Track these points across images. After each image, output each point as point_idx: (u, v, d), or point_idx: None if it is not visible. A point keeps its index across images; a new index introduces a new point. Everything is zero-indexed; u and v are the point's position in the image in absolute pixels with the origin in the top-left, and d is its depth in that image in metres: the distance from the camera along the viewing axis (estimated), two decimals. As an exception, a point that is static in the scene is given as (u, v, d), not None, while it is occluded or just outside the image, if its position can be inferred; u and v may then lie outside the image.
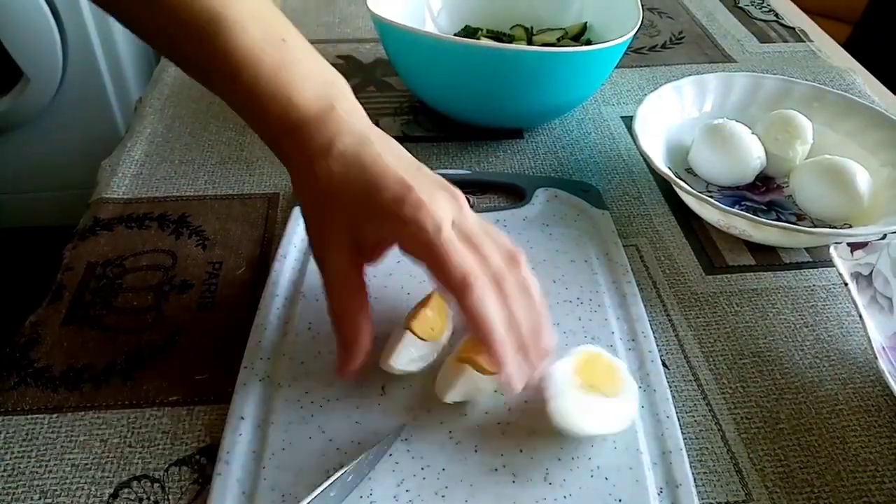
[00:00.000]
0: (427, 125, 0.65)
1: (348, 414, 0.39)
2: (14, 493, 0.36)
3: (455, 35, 0.68)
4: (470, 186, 0.57)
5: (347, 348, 0.38)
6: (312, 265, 0.47)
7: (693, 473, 0.37)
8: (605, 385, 0.38)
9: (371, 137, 0.38)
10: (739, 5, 0.88)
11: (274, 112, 0.38)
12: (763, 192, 0.57)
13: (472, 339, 0.39)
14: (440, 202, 0.37)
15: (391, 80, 0.71)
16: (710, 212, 0.51)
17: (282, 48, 0.38)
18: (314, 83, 0.39)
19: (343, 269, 0.38)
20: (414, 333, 0.39)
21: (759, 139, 0.56)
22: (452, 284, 0.35)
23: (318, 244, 0.39)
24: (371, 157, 0.37)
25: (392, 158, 0.38)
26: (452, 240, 0.36)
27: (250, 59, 0.37)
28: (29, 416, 0.40)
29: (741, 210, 0.49)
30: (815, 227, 0.53)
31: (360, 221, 0.37)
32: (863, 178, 0.52)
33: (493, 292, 0.36)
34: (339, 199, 0.37)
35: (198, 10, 0.37)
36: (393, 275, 0.47)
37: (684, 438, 0.38)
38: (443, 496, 0.35)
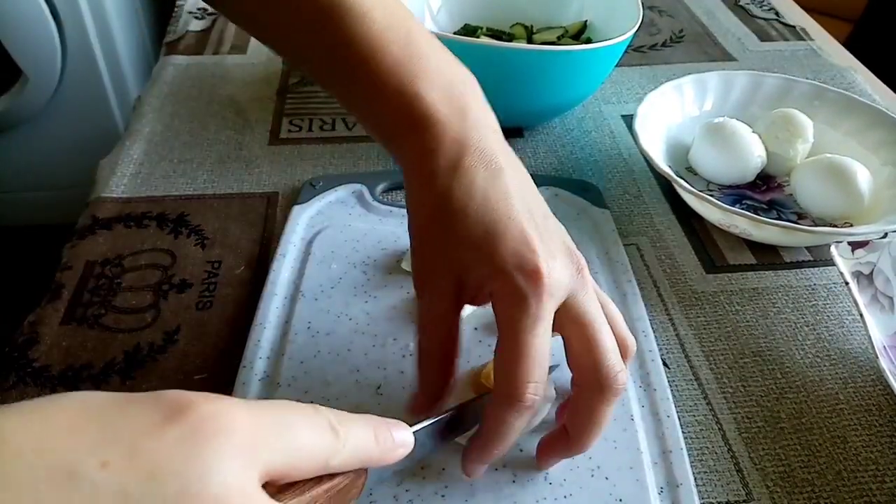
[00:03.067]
0: (427, 124, 0.65)
1: (348, 413, 0.39)
2: (12, 493, 0.36)
3: (455, 33, 0.68)
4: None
5: (426, 393, 0.34)
6: (312, 264, 0.47)
7: (694, 473, 0.37)
8: None
9: (504, 164, 0.34)
10: (740, 4, 0.88)
11: (397, 107, 0.34)
12: (764, 191, 0.57)
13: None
14: (557, 274, 0.32)
15: (391, 78, 0.71)
16: (711, 211, 0.50)
17: (408, 39, 0.35)
18: (444, 80, 0.35)
19: (441, 312, 0.34)
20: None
21: (760, 138, 0.56)
22: (506, 387, 0.31)
23: (420, 275, 0.34)
24: (500, 193, 0.33)
25: (520, 202, 0.33)
26: (540, 336, 0.31)
27: (374, 48, 0.34)
28: (27, 416, 0.40)
29: (742, 209, 0.49)
30: (816, 225, 0.53)
31: (466, 264, 0.33)
32: (863, 177, 0.52)
33: (531, 415, 0.32)
34: (453, 229, 0.33)
35: None
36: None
37: (685, 438, 0.38)
38: (443, 496, 0.35)
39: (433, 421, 0.32)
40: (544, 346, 0.31)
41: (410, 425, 0.30)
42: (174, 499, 0.20)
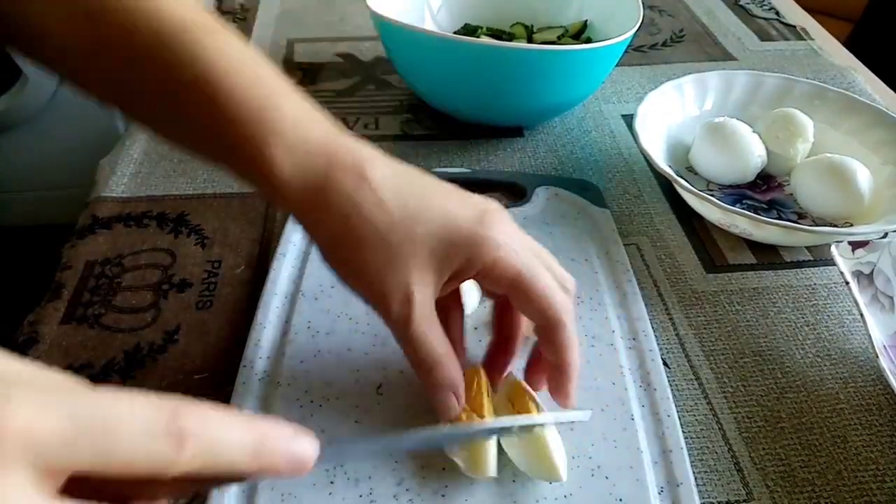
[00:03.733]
0: (427, 123, 0.65)
1: (348, 413, 0.39)
2: (12, 493, 0.36)
3: (455, 33, 0.68)
4: (470, 185, 0.57)
5: (453, 392, 0.35)
6: (312, 264, 0.47)
7: (694, 472, 0.37)
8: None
9: (383, 155, 0.36)
10: (740, 3, 0.88)
11: (271, 194, 0.34)
12: (764, 191, 0.57)
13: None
14: (507, 215, 0.35)
15: (391, 78, 0.71)
16: (711, 210, 0.50)
17: (261, 116, 0.34)
18: (301, 150, 0.34)
19: (431, 314, 0.34)
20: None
21: (760, 137, 0.56)
22: (547, 318, 0.34)
23: (395, 292, 0.33)
24: (415, 176, 0.35)
25: (425, 176, 0.36)
26: (538, 266, 0.35)
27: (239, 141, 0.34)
28: (27, 416, 0.40)
29: (742, 209, 0.49)
30: (816, 225, 0.53)
31: (437, 252, 0.34)
32: (864, 177, 0.52)
33: (575, 324, 0.35)
34: (409, 229, 0.33)
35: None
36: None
37: (685, 437, 0.38)
38: (443, 496, 0.35)
39: (370, 442, 0.32)
40: (542, 270, 0.35)
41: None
42: None
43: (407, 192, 0.34)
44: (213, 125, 0.34)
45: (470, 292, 0.43)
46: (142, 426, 0.20)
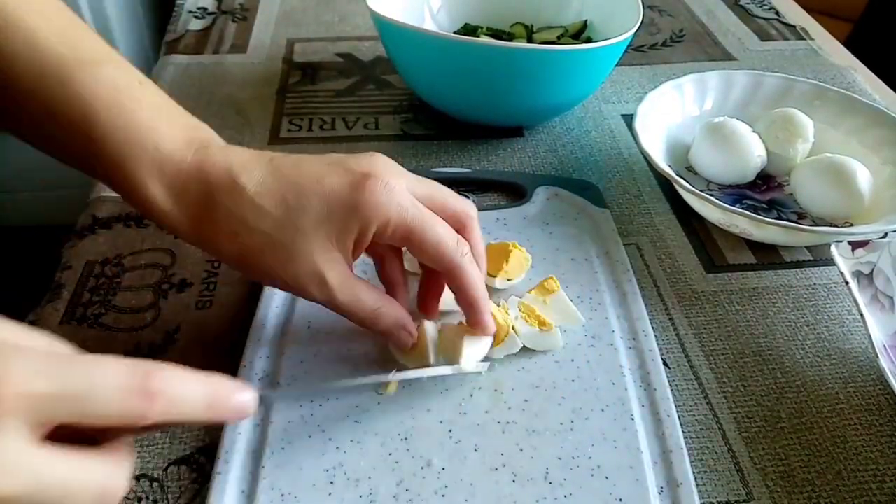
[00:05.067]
0: (427, 123, 0.65)
1: (347, 413, 0.39)
2: (12, 493, 0.36)
3: (455, 33, 0.68)
4: (470, 185, 0.57)
5: (402, 328, 0.39)
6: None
7: (694, 472, 0.37)
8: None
9: (258, 154, 0.37)
10: (740, 3, 0.88)
11: (147, 209, 0.36)
12: (764, 191, 0.57)
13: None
14: (388, 169, 0.36)
15: (391, 78, 0.71)
16: (711, 210, 0.50)
17: (127, 139, 0.36)
18: (170, 168, 0.36)
19: (351, 281, 0.37)
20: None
21: (760, 137, 0.56)
22: (443, 266, 0.37)
23: (309, 280, 0.36)
24: (286, 167, 0.36)
25: (300, 159, 0.37)
26: (427, 218, 0.36)
27: (119, 161, 0.35)
28: (27, 416, 0.40)
29: (742, 208, 0.49)
30: (816, 225, 0.53)
31: (331, 231, 0.35)
32: (864, 177, 0.52)
33: (473, 264, 0.38)
34: (295, 223, 0.35)
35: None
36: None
37: (685, 437, 0.38)
38: (443, 496, 0.35)
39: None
40: (431, 216, 0.37)
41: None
42: None
43: (283, 187, 0.36)
44: (97, 164, 0.36)
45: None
46: (118, 387, 0.24)
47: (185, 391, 0.26)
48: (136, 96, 0.37)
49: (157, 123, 0.36)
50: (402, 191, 0.36)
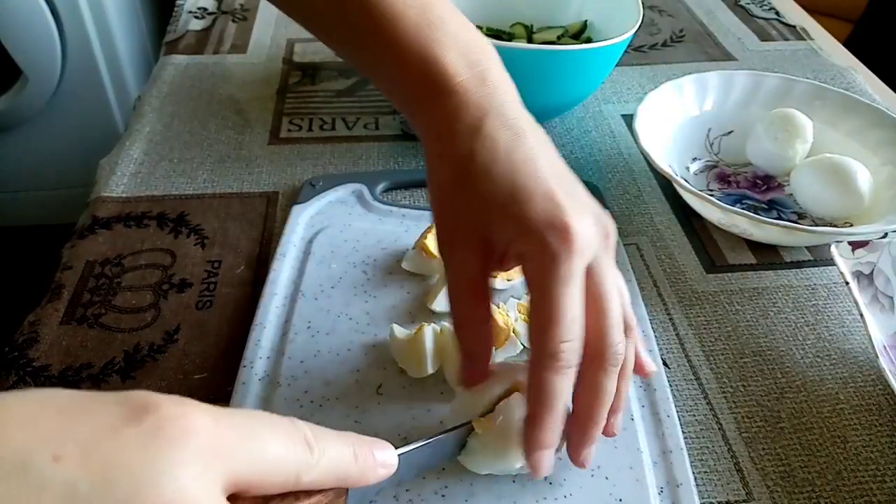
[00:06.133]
0: (427, 123, 0.65)
1: (348, 413, 0.39)
2: (12, 493, 0.36)
3: (455, 33, 0.68)
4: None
5: (469, 359, 0.35)
6: (312, 264, 0.47)
7: (694, 473, 0.37)
8: None
9: (526, 128, 0.34)
10: (740, 3, 0.88)
11: (417, 72, 0.34)
12: (764, 191, 0.57)
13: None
14: (587, 232, 0.32)
15: (391, 78, 0.71)
16: (711, 210, 0.50)
17: (425, 4, 0.35)
18: (463, 45, 0.34)
19: (469, 273, 0.33)
20: None
21: (763, 138, 0.56)
22: (543, 348, 0.31)
23: (444, 237, 0.34)
24: (524, 155, 0.33)
25: (546, 163, 0.33)
26: (573, 294, 0.31)
27: (391, 13, 0.34)
28: (27, 416, 0.40)
29: (742, 208, 0.49)
30: (816, 225, 0.53)
31: (492, 225, 0.32)
32: (863, 177, 0.52)
33: (573, 375, 0.32)
34: (476, 190, 0.32)
35: None
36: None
37: (685, 437, 0.38)
38: (443, 496, 0.35)
39: (422, 444, 0.32)
40: (577, 304, 0.31)
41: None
42: (124, 501, 0.19)
43: (502, 186, 0.33)
44: (363, 18, 0.35)
45: None
46: (282, 433, 0.24)
47: (331, 442, 0.25)
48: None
49: (450, 20, 0.35)
50: (613, 250, 0.34)
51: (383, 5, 0.34)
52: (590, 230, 0.32)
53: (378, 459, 0.27)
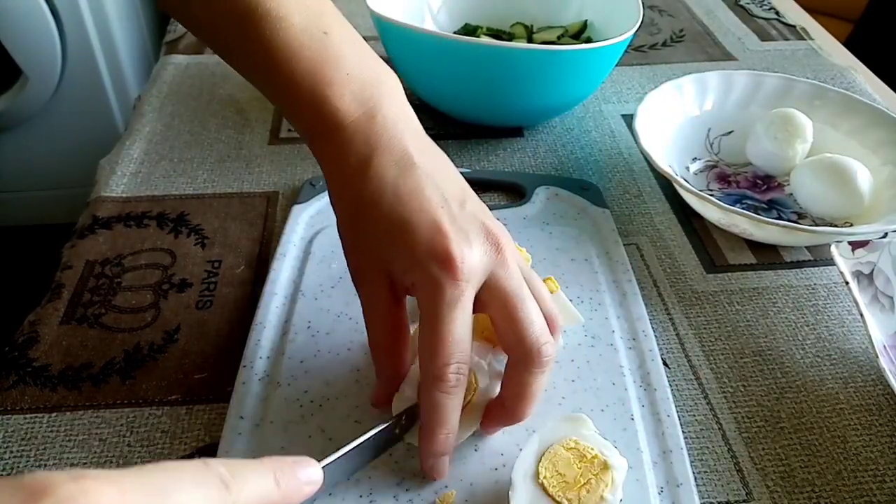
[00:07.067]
0: (427, 123, 0.64)
1: (348, 413, 0.39)
2: (12, 493, 0.36)
3: (455, 33, 0.68)
4: (470, 185, 0.57)
5: (381, 380, 0.37)
6: (312, 264, 0.47)
7: (694, 472, 0.37)
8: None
9: (415, 159, 0.35)
10: (740, 3, 0.88)
11: (310, 112, 0.36)
12: (764, 191, 0.57)
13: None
14: (471, 257, 0.33)
15: (391, 78, 0.71)
16: (711, 210, 0.50)
17: (324, 43, 0.36)
18: (357, 84, 0.36)
19: (380, 302, 0.35)
20: None
21: (763, 138, 0.56)
22: (430, 371, 0.33)
23: (353, 269, 0.36)
24: (410, 188, 0.34)
25: (433, 191, 0.34)
26: (458, 319, 0.33)
27: (289, 54, 0.35)
28: (28, 416, 0.40)
29: (742, 208, 0.49)
30: (816, 225, 0.53)
31: (390, 258, 0.34)
32: (864, 177, 0.52)
33: (460, 393, 0.33)
34: (370, 228, 0.34)
35: (238, 1, 0.35)
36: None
37: (685, 437, 0.38)
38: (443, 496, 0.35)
39: (348, 450, 0.32)
40: (462, 329, 0.33)
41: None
42: None
43: (393, 210, 0.34)
44: (263, 53, 0.36)
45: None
46: (194, 480, 0.23)
47: (249, 472, 0.25)
48: (335, 39, 0.37)
49: (345, 51, 0.37)
50: (517, 261, 0.35)
51: (282, 43, 0.35)
52: (474, 254, 0.33)
53: (302, 479, 0.27)
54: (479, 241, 0.34)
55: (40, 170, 1.49)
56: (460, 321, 0.33)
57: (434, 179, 0.35)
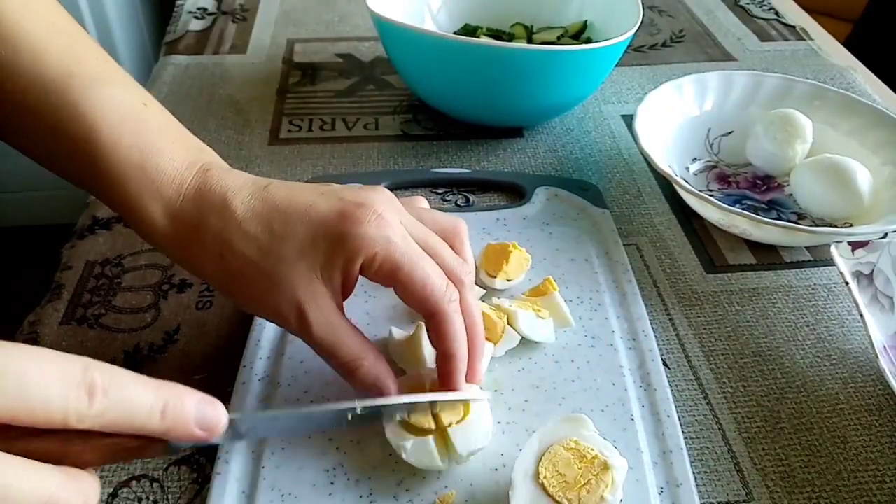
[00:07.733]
0: (427, 124, 0.65)
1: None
2: (12, 493, 0.36)
3: (454, 33, 0.68)
4: (470, 185, 0.57)
5: (379, 387, 0.36)
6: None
7: (694, 473, 0.37)
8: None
9: (262, 180, 0.36)
10: (740, 3, 0.88)
11: (131, 219, 0.36)
12: (764, 191, 0.57)
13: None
14: (382, 201, 0.35)
15: (391, 78, 0.71)
16: (711, 210, 0.50)
17: (143, 158, 0.36)
18: (174, 190, 0.36)
19: (334, 320, 0.35)
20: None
21: (762, 138, 0.56)
22: (427, 310, 0.35)
23: (288, 312, 0.34)
24: (278, 194, 0.35)
25: (295, 187, 0.36)
26: (418, 258, 0.34)
27: (116, 179, 0.35)
28: (27, 416, 0.40)
29: (742, 209, 0.49)
30: (816, 225, 0.53)
31: (313, 260, 0.34)
32: (863, 177, 0.52)
33: (459, 314, 0.35)
34: (278, 251, 0.34)
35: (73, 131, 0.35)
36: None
37: (685, 438, 0.38)
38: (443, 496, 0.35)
39: (278, 413, 0.32)
40: (419, 258, 0.35)
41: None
42: None
43: (272, 214, 0.35)
44: (97, 182, 0.36)
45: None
46: (54, 375, 0.22)
47: (131, 391, 0.24)
48: (141, 117, 0.37)
49: (160, 145, 0.36)
50: (395, 224, 0.34)
51: (102, 151, 0.35)
52: (375, 196, 0.35)
53: (193, 418, 0.26)
54: (370, 192, 0.35)
55: (40, 170, 1.48)
56: (414, 246, 0.35)
57: (286, 183, 0.37)
